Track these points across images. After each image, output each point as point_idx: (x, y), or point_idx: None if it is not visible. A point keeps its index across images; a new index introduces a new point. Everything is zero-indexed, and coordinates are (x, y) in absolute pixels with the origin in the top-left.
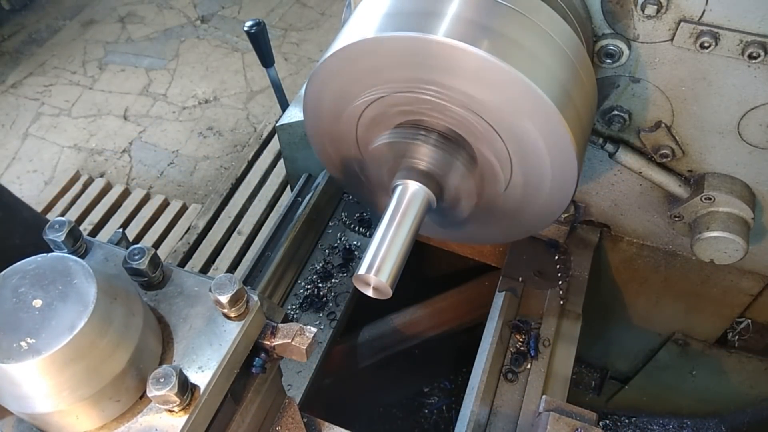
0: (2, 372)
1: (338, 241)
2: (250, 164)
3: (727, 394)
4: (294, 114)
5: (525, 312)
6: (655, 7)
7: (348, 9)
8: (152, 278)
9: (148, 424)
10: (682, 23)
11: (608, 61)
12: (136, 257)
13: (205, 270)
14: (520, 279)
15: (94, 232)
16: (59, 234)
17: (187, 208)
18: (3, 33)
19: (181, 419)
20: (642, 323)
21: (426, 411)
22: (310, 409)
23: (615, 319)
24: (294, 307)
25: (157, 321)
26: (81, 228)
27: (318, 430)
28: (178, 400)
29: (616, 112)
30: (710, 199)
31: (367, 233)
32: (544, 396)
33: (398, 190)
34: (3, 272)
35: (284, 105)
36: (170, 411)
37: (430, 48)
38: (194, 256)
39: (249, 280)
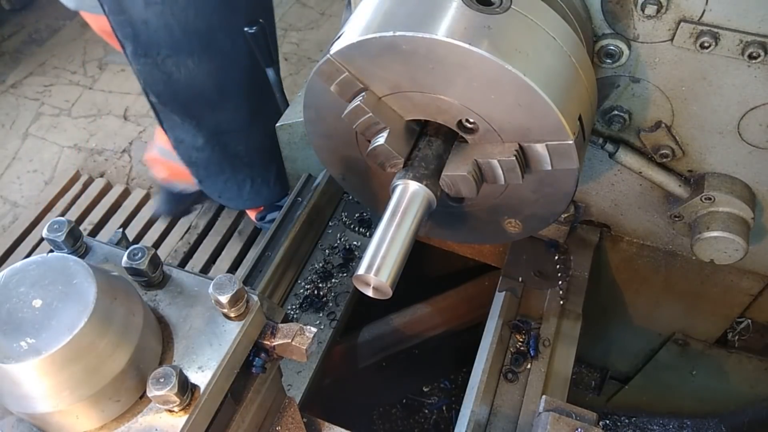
0: (2, 372)
1: (338, 241)
2: None
3: (727, 394)
4: (294, 114)
5: (525, 312)
6: (655, 7)
7: (348, 9)
8: (152, 278)
9: (148, 424)
10: (682, 23)
11: (608, 61)
12: (136, 257)
13: (205, 270)
14: (520, 279)
15: (94, 232)
16: (59, 234)
17: None
18: (3, 33)
19: (181, 419)
20: (642, 323)
21: (426, 411)
22: (310, 409)
23: (615, 319)
24: (294, 307)
25: (157, 321)
26: (81, 228)
27: (318, 430)
28: (178, 400)
29: (616, 112)
30: (710, 199)
31: (367, 233)
32: (544, 396)
33: (398, 190)
34: (3, 272)
35: (284, 105)
36: (170, 411)
37: (431, 47)
38: (194, 256)
39: (249, 280)
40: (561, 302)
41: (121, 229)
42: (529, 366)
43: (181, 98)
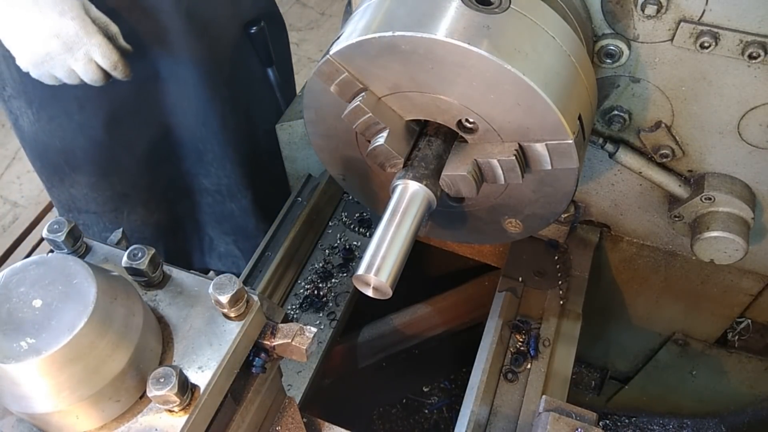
0: (2, 372)
1: (338, 241)
2: None
3: (727, 394)
4: (294, 114)
5: (525, 312)
6: (655, 7)
7: (348, 9)
8: (152, 278)
9: (148, 424)
10: (682, 23)
11: (608, 61)
12: (136, 257)
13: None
14: (520, 279)
15: None
16: (59, 234)
17: None
18: None
19: (181, 419)
20: (642, 323)
21: (426, 411)
22: (310, 409)
23: (615, 319)
24: (294, 307)
25: (157, 321)
26: None
27: (318, 430)
28: (178, 400)
29: (616, 112)
30: (710, 199)
31: (367, 233)
32: (544, 396)
33: (398, 190)
34: (3, 272)
35: (284, 105)
36: (170, 411)
37: (430, 47)
38: None
39: (249, 280)
40: (561, 302)
41: (121, 229)
42: (529, 366)
43: (28, 152)
